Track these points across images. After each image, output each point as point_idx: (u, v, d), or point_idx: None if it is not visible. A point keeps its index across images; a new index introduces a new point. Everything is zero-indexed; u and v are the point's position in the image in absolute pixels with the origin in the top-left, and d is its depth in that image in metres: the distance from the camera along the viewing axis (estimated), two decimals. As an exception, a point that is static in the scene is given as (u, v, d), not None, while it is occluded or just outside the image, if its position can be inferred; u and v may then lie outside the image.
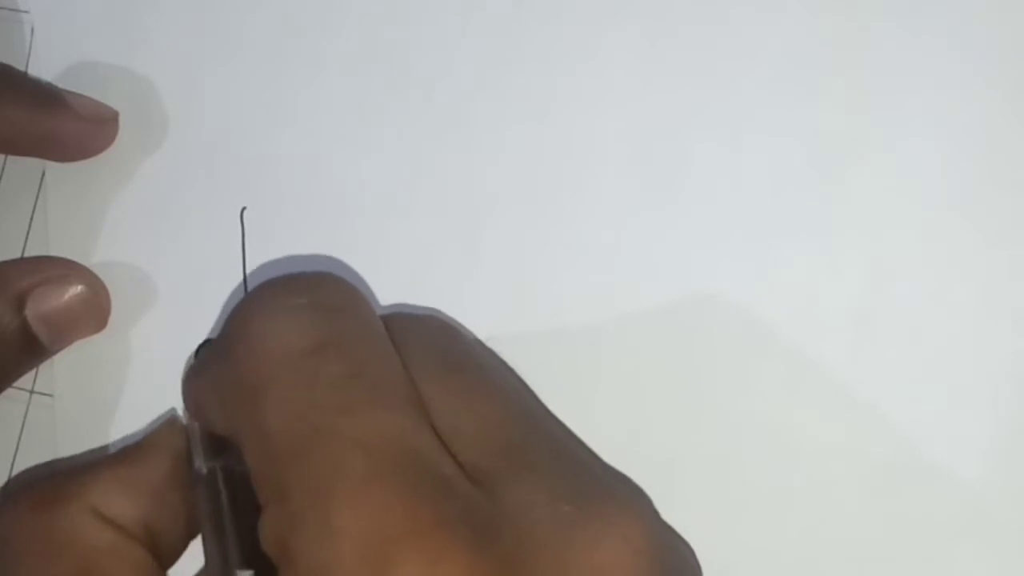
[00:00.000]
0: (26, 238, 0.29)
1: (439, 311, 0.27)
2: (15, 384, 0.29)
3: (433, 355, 0.22)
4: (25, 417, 0.29)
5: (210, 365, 0.23)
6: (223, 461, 0.23)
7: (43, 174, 0.29)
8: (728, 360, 0.26)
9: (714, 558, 0.23)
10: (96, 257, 0.28)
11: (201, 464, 0.23)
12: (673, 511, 0.23)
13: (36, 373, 0.29)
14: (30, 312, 0.26)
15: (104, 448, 0.28)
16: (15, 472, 0.29)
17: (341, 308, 0.22)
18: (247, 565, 0.20)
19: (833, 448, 0.26)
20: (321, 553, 0.18)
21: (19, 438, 0.29)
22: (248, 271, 0.28)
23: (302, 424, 0.20)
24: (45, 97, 0.28)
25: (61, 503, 0.22)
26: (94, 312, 0.27)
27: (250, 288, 0.23)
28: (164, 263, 0.28)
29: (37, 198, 0.29)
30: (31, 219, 0.29)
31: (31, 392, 0.29)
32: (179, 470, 0.23)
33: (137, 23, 0.29)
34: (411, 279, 0.27)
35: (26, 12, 0.29)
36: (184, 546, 0.23)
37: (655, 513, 0.22)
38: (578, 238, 0.27)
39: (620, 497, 0.20)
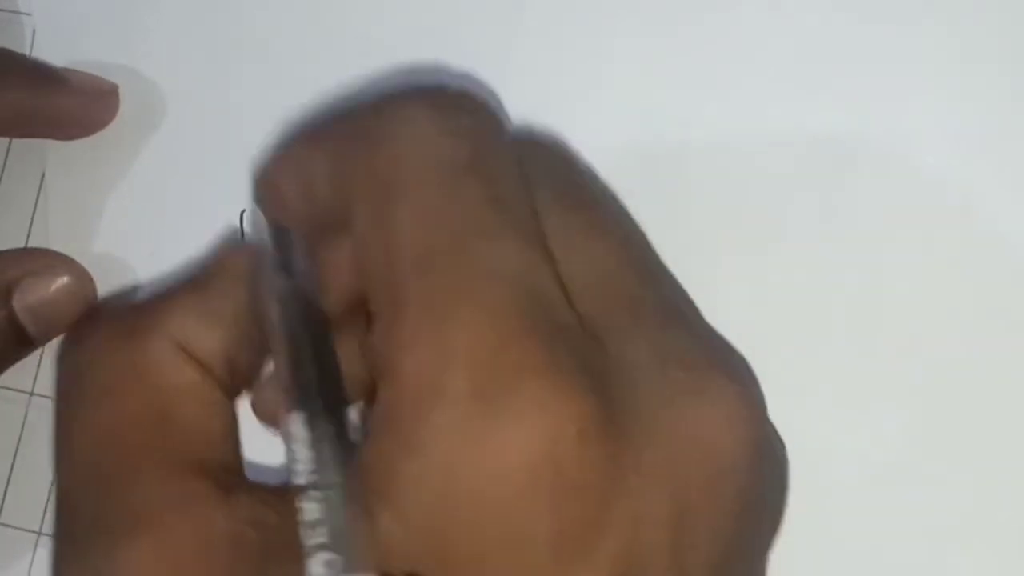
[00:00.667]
0: (28, 233, 0.29)
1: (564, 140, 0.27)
2: (14, 386, 0.29)
3: (556, 190, 0.22)
4: (25, 418, 0.29)
5: (338, 139, 0.22)
6: (295, 281, 0.22)
7: (43, 175, 0.29)
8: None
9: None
10: (96, 251, 0.29)
11: (274, 282, 0.22)
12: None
13: (36, 375, 0.29)
14: (17, 303, 0.26)
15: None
16: (15, 472, 0.29)
17: (489, 135, 0.21)
18: (321, 394, 0.20)
19: (833, 448, 0.26)
20: (431, 373, 0.18)
21: (19, 438, 0.29)
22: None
23: (433, 238, 0.19)
24: (43, 75, 0.28)
25: (144, 334, 0.21)
26: (81, 303, 0.27)
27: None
28: (164, 260, 0.28)
29: (38, 197, 0.29)
30: (32, 219, 0.29)
31: (31, 394, 0.29)
32: (249, 293, 0.22)
33: (138, 24, 0.29)
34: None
35: (27, 14, 0.29)
36: (256, 374, 0.23)
37: (762, 398, 0.21)
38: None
39: (732, 373, 0.20)
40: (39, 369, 0.29)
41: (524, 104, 0.27)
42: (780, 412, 0.25)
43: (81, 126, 0.29)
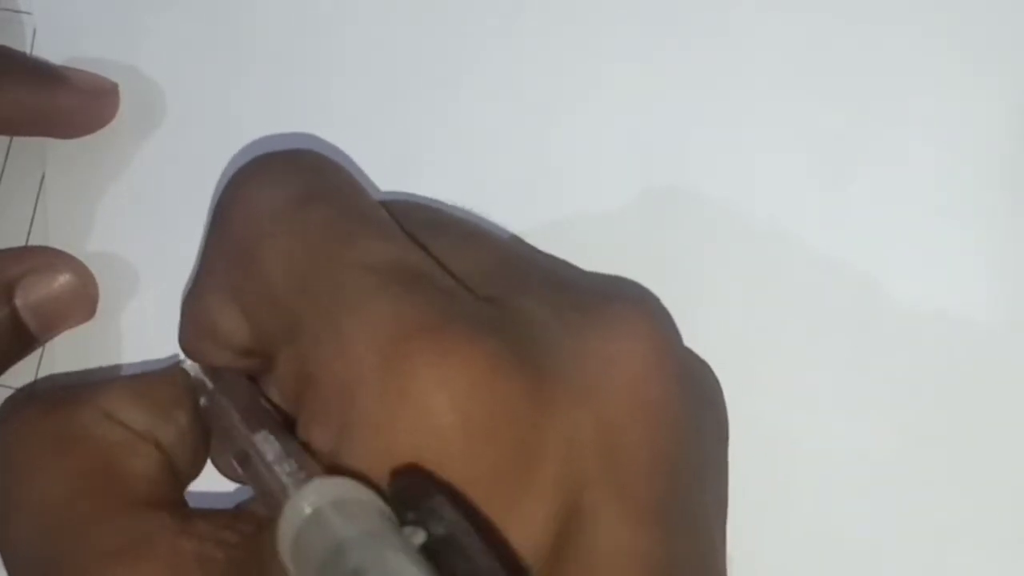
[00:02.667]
0: (28, 232, 0.29)
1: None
2: (15, 385, 0.29)
3: (423, 220, 0.23)
4: (25, 417, 0.29)
5: (205, 267, 0.23)
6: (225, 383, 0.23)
7: (43, 175, 0.29)
8: (728, 361, 0.26)
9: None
10: (96, 250, 0.29)
11: (206, 399, 0.23)
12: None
13: (36, 374, 0.29)
14: (19, 301, 0.26)
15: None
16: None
17: (320, 168, 0.22)
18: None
19: (833, 449, 0.26)
20: (339, 362, 0.19)
21: (19, 438, 0.29)
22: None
23: (301, 262, 0.20)
24: (43, 73, 0.28)
25: (72, 405, 0.22)
26: (82, 301, 0.27)
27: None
28: (165, 259, 0.28)
29: (38, 196, 0.29)
30: (32, 218, 0.29)
31: (31, 392, 0.29)
32: (184, 399, 0.23)
33: (138, 24, 0.29)
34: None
35: (28, 13, 0.29)
36: (191, 472, 0.23)
37: (662, 309, 0.22)
38: (578, 238, 0.27)
39: (626, 297, 0.21)
40: (39, 368, 0.29)
41: (524, 105, 0.27)
42: (780, 412, 0.25)
43: (81, 125, 0.29)
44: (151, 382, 0.23)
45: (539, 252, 0.25)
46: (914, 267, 0.26)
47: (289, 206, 0.21)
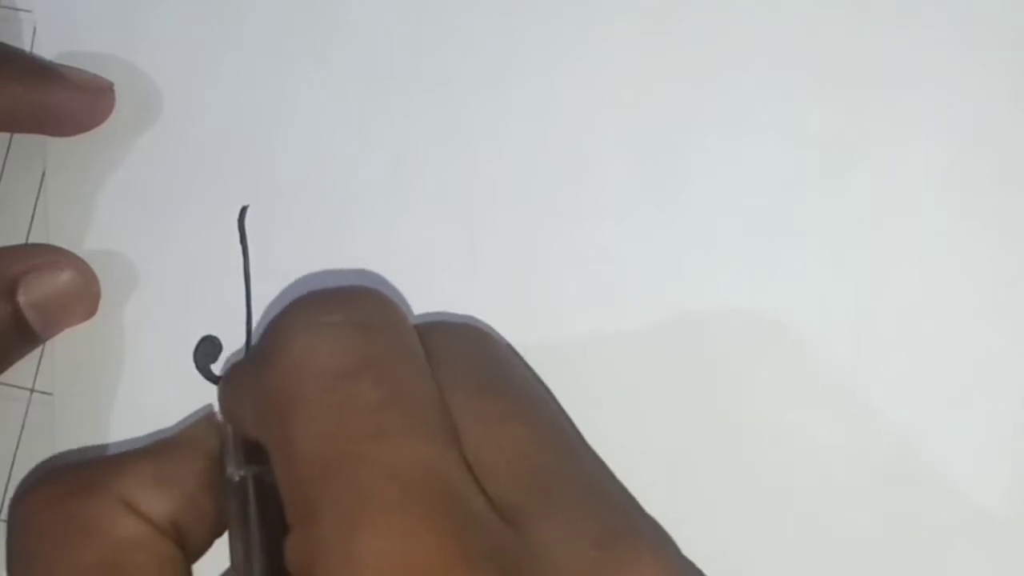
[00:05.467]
0: (28, 230, 0.29)
1: (475, 319, 0.27)
2: (15, 383, 0.29)
3: (468, 376, 0.22)
4: (25, 417, 0.29)
5: (246, 372, 0.22)
6: (256, 469, 0.22)
7: (43, 172, 0.29)
8: (728, 360, 0.26)
9: (715, 558, 0.22)
10: (95, 247, 0.29)
11: (234, 471, 0.22)
12: (675, 512, 0.23)
13: (36, 372, 0.29)
14: (22, 298, 0.26)
15: (104, 447, 0.28)
16: (15, 472, 0.29)
17: (379, 327, 0.21)
18: None
19: (833, 449, 0.26)
20: None
21: (19, 438, 0.29)
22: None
23: (331, 448, 0.19)
24: (40, 70, 0.28)
25: (90, 492, 0.22)
26: (84, 299, 0.27)
27: (288, 301, 0.22)
28: (165, 257, 0.28)
29: (38, 194, 0.29)
30: (32, 216, 0.29)
31: (31, 391, 0.29)
32: (211, 470, 0.23)
33: (139, 22, 0.29)
34: (409, 279, 0.27)
35: (28, 11, 0.29)
36: (209, 544, 0.23)
37: (680, 557, 0.21)
38: (578, 238, 0.27)
39: (645, 543, 0.20)
40: (39, 366, 0.29)
41: (524, 105, 0.27)
42: (781, 412, 0.25)
43: (76, 122, 0.29)
44: (175, 458, 0.23)
45: (577, 435, 0.24)
46: (914, 267, 0.26)
47: (336, 374, 0.20)
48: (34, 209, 0.29)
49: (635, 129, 0.27)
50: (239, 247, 0.28)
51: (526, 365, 0.26)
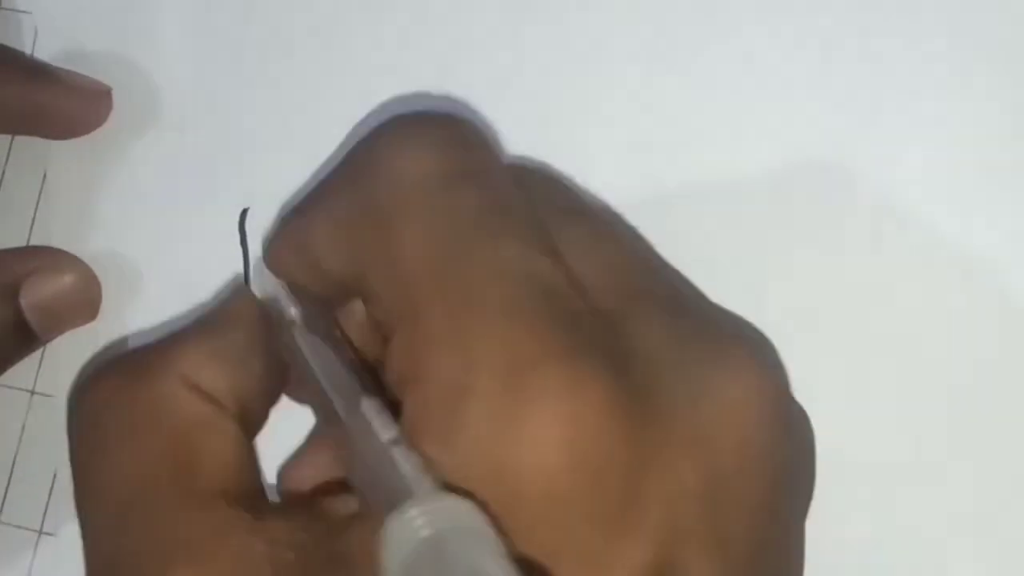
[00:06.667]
0: (30, 232, 0.29)
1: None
2: (16, 385, 0.29)
3: (558, 200, 0.22)
4: (26, 416, 0.29)
5: (328, 195, 0.22)
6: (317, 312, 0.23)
7: (45, 174, 0.29)
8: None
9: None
10: (97, 249, 0.29)
11: (298, 312, 0.22)
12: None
13: (37, 374, 0.29)
14: (23, 301, 0.26)
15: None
16: (15, 472, 0.29)
17: (475, 145, 0.22)
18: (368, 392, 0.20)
19: (833, 449, 0.25)
20: (457, 372, 0.18)
21: (19, 438, 0.29)
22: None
23: (442, 249, 0.20)
24: (37, 72, 0.28)
25: (153, 375, 0.22)
26: (85, 301, 0.27)
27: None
28: (166, 259, 0.28)
29: (40, 196, 0.29)
30: (34, 217, 0.29)
31: (31, 392, 0.29)
32: (257, 339, 0.23)
33: (140, 23, 0.29)
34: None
35: (28, 13, 0.29)
36: (266, 416, 0.23)
37: (779, 362, 0.21)
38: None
39: (747, 342, 0.21)
40: (40, 368, 0.29)
41: (524, 104, 0.27)
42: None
43: (74, 125, 0.29)
44: (226, 330, 0.23)
45: (661, 259, 0.24)
46: (914, 266, 0.26)
47: (441, 182, 0.20)
48: (35, 211, 0.29)
49: (635, 130, 0.27)
50: (240, 249, 0.28)
51: (607, 205, 0.27)
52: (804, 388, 0.25)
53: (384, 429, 0.19)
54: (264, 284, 0.24)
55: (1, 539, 0.29)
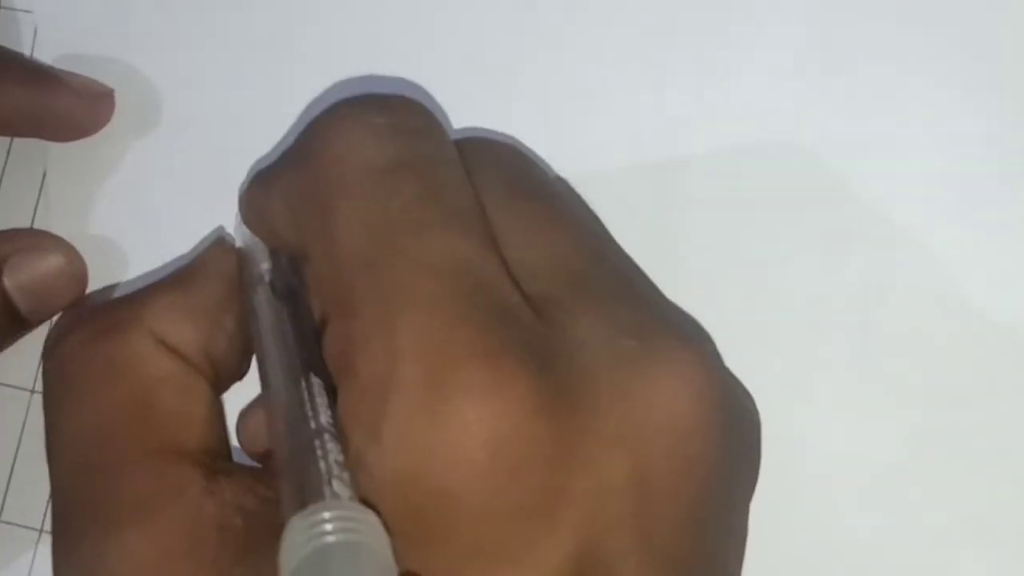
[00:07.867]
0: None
1: (517, 140, 0.27)
2: (16, 383, 0.29)
3: (505, 182, 0.22)
4: (26, 415, 0.29)
5: (280, 172, 0.23)
6: (283, 276, 0.23)
7: (44, 175, 0.29)
8: (728, 361, 0.25)
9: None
10: (97, 250, 0.29)
11: (263, 272, 0.23)
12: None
13: (37, 372, 0.29)
14: (7, 281, 0.26)
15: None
16: (15, 472, 0.29)
17: (419, 131, 0.22)
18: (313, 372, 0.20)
19: (833, 449, 0.26)
20: (384, 368, 0.18)
21: (19, 438, 0.29)
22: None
23: (374, 239, 0.20)
24: (39, 74, 0.28)
25: (121, 329, 0.22)
26: (71, 282, 0.27)
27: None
28: (165, 259, 0.28)
29: (39, 196, 0.29)
30: (33, 217, 0.29)
31: (31, 392, 0.29)
32: (232, 293, 0.23)
33: (140, 23, 0.29)
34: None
35: (28, 12, 0.30)
36: (238, 370, 0.23)
37: (717, 355, 0.21)
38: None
39: (683, 336, 0.20)
40: (40, 366, 0.29)
41: (524, 104, 0.28)
42: (782, 413, 0.25)
43: (75, 128, 0.29)
44: (200, 284, 0.23)
45: (615, 242, 0.24)
46: (915, 266, 0.26)
47: (381, 169, 0.20)
48: (35, 211, 0.29)
49: (635, 131, 0.27)
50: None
51: (564, 182, 0.26)
52: (803, 388, 0.26)
53: (320, 411, 0.19)
54: (243, 235, 0.24)
55: (1, 539, 0.29)
